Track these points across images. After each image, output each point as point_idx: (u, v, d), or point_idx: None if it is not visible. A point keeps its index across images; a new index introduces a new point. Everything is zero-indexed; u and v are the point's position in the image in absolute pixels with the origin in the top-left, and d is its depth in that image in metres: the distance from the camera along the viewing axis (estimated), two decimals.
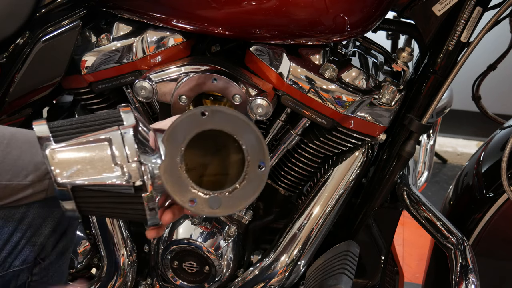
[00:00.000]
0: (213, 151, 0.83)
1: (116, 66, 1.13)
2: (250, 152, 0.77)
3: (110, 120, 0.78)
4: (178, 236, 1.23)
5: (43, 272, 1.00)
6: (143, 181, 0.76)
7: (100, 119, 0.78)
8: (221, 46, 1.16)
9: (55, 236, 1.00)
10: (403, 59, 1.10)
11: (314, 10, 0.99)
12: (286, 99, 1.09)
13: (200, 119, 0.76)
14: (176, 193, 0.75)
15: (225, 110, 0.78)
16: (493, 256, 1.30)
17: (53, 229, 0.98)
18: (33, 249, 0.96)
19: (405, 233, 2.22)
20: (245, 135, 0.77)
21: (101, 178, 0.75)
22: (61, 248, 1.02)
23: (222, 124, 0.77)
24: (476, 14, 1.04)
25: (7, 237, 0.91)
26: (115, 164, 0.75)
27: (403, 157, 1.16)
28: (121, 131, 0.76)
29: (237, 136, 0.77)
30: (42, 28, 1.11)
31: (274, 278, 1.22)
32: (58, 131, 0.76)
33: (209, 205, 0.75)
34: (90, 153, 0.76)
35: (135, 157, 0.75)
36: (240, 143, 0.77)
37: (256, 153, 0.77)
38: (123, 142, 0.76)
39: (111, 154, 0.75)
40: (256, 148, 0.77)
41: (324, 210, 1.18)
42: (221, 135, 0.77)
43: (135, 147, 0.76)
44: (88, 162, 0.75)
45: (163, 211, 0.83)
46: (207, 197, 0.75)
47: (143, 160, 0.76)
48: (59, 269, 1.04)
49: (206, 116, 0.76)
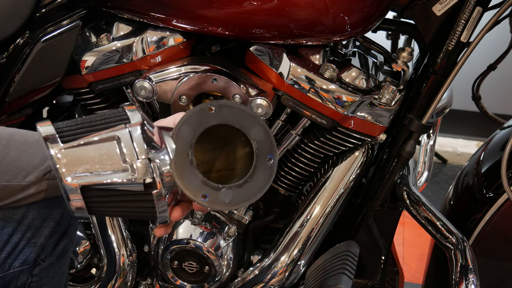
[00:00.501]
0: (218, 146, 0.83)
1: (116, 66, 1.13)
2: (258, 145, 0.77)
3: (116, 119, 0.78)
4: (178, 236, 1.23)
5: (43, 273, 1.00)
6: (153, 178, 0.75)
7: (105, 118, 0.78)
8: (221, 46, 1.16)
9: (55, 237, 1.00)
10: (403, 59, 1.10)
11: (314, 10, 0.99)
12: (286, 99, 1.09)
13: (208, 114, 0.77)
14: (188, 188, 0.75)
15: (232, 104, 0.78)
16: (493, 256, 1.30)
17: (53, 230, 0.98)
18: (33, 250, 0.96)
19: (405, 233, 2.22)
20: (252, 128, 0.77)
21: (110, 176, 0.75)
22: (61, 248, 1.02)
23: (229, 118, 0.77)
24: (476, 14, 1.04)
25: (7, 238, 0.91)
26: (124, 162, 0.75)
27: (403, 157, 1.16)
28: (129, 129, 0.76)
29: (245, 130, 0.77)
30: (42, 28, 1.10)
31: (274, 278, 1.22)
32: (64, 131, 0.76)
33: (220, 199, 0.75)
34: (98, 152, 0.75)
35: (144, 154, 0.75)
36: (249, 137, 0.77)
37: (264, 146, 0.78)
38: (132, 139, 0.76)
39: (120, 152, 0.75)
40: (264, 141, 0.78)
41: (324, 210, 1.18)
42: (227, 129, 0.78)
43: (144, 144, 0.76)
44: (97, 161, 0.75)
45: (171, 208, 0.83)
46: (218, 191, 0.75)
47: (151, 157, 0.76)
48: (59, 270, 1.04)
49: (213, 111, 0.77)
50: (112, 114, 0.79)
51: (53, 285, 1.03)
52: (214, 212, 1.25)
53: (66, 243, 1.02)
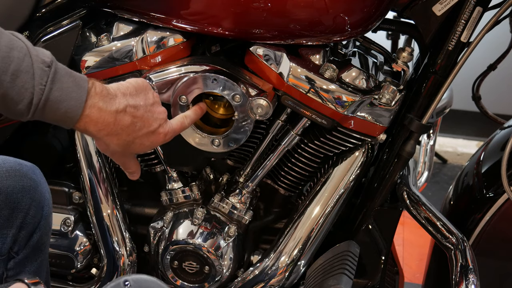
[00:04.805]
0: None
1: (116, 66, 1.13)
2: None
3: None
4: (178, 236, 1.23)
5: (18, 267, 1.01)
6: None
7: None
8: (221, 46, 1.16)
9: (28, 229, 1.00)
10: (403, 59, 1.10)
11: (314, 10, 0.99)
12: (286, 99, 1.09)
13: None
14: None
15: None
16: (493, 256, 1.30)
17: (23, 221, 0.98)
18: (5, 241, 0.96)
19: (405, 233, 2.21)
20: None
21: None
22: (36, 241, 1.02)
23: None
24: (476, 14, 1.04)
25: None
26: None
27: (403, 157, 1.16)
28: None
29: None
30: (42, 28, 1.11)
31: (274, 278, 1.22)
32: None
33: None
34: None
35: None
36: None
37: None
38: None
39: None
40: None
41: (324, 210, 1.18)
42: None
43: None
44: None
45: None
46: None
47: None
48: (36, 264, 1.04)
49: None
50: None
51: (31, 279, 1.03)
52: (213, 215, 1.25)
53: (41, 236, 1.03)
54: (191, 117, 1.02)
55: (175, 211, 1.27)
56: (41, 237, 1.03)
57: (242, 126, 1.09)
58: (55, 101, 0.78)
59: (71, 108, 0.79)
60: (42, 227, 1.03)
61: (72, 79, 0.80)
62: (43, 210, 1.04)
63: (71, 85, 0.79)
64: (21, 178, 1.01)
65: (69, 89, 0.79)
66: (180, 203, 1.26)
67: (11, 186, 0.99)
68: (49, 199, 1.07)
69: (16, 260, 1.00)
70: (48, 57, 0.79)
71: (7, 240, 0.97)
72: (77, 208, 1.35)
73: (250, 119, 1.08)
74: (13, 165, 1.02)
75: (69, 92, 0.79)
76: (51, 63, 0.78)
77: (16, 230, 0.98)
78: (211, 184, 1.30)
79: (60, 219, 1.32)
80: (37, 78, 0.76)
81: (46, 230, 1.05)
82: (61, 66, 0.81)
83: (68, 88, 0.79)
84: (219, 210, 1.24)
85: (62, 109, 0.79)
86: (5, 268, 0.99)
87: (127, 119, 0.86)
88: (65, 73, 0.80)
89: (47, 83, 0.77)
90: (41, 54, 0.78)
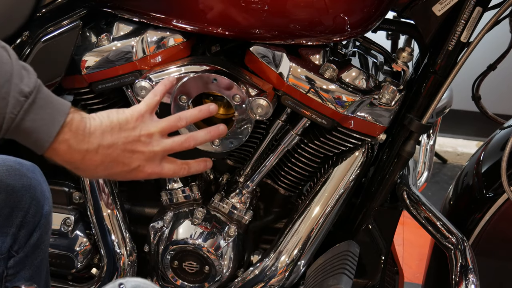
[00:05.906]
0: None
1: (116, 66, 1.13)
2: None
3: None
4: (178, 236, 1.23)
5: (18, 265, 1.01)
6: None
7: None
8: (221, 46, 1.16)
9: (28, 228, 1.01)
10: (403, 59, 1.10)
11: (314, 10, 0.99)
12: (286, 99, 1.09)
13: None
14: None
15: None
16: (493, 256, 1.30)
17: (23, 219, 0.99)
18: (6, 239, 0.96)
19: (405, 233, 2.21)
20: None
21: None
22: (35, 240, 1.03)
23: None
24: (476, 14, 1.04)
25: None
26: None
27: (403, 157, 1.16)
28: None
29: None
30: (42, 28, 1.11)
31: (274, 278, 1.22)
32: None
33: None
34: None
35: None
36: None
37: None
38: None
39: None
40: None
41: (324, 210, 1.18)
42: None
43: None
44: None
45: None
46: None
47: None
48: (36, 263, 1.04)
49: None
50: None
51: (30, 278, 1.03)
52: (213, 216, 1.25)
53: (40, 235, 1.03)
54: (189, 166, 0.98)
55: (175, 211, 1.27)
56: (41, 236, 1.03)
57: (242, 126, 1.09)
58: (26, 130, 0.78)
59: (40, 140, 0.79)
60: (42, 226, 1.03)
61: (50, 111, 0.80)
62: (43, 209, 1.04)
63: (46, 117, 0.79)
64: (21, 177, 1.01)
65: (42, 121, 0.79)
66: (180, 203, 1.26)
67: (11, 185, 1.00)
68: (49, 198, 1.07)
69: (16, 258, 1.01)
70: (29, 86, 0.78)
71: (7, 239, 0.97)
72: (77, 208, 1.35)
73: (250, 119, 1.08)
74: (13, 164, 1.02)
75: (41, 125, 0.79)
76: (29, 94, 0.77)
77: (16, 229, 0.98)
78: (211, 184, 1.30)
79: (60, 219, 1.32)
80: (10, 107, 0.76)
81: (46, 229, 1.05)
82: (43, 96, 0.80)
83: (42, 120, 0.79)
84: (219, 210, 1.24)
85: (32, 138, 0.79)
86: (5, 266, 0.99)
87: (97, 158, 0.85)
88: (44, 103, 0.79)
89: (19, 113, 0.77)
90: (24, 82, 0.78)
